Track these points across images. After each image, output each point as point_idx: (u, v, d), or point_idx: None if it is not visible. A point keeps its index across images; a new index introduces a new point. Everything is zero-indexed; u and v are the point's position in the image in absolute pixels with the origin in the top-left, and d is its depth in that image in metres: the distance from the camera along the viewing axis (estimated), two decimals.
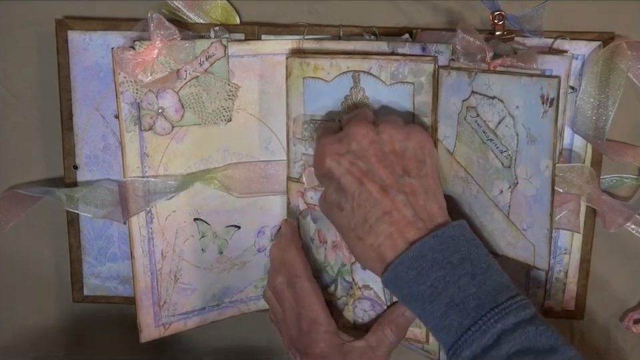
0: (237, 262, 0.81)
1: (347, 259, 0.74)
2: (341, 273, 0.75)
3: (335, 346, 0.72)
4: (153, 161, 0.75)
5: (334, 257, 0.75)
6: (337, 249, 0.74)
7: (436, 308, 0.60)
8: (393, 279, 0.62)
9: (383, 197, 0.62)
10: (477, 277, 0.60)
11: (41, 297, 0.84)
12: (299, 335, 0.73)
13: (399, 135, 0.64)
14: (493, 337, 0.58)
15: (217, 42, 0.73)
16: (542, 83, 0.62)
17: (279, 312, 0.76)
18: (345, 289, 0.77)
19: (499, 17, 0.72)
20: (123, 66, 0.71)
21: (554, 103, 0.62)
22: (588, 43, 0.73)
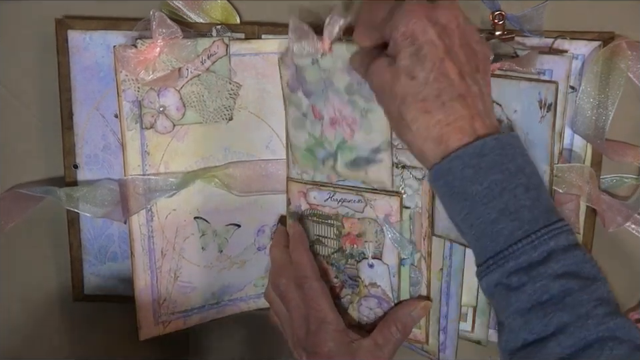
0: (236, 260, 0.81)
1: (348, 134, 0.72)
2: (341, 149, 0.73)
3: (344, 344, 0.72)
4: (154, 159, 0.75)
5: (333, 132, 0.73)
6: (336, 125, 0.73)
7: (488, 212, 0.58)
8: (446, 171, 0.59)
9: (460, 80, 0.60)
10: (530, 190, 0.59)
11: (41, 296, 0.84)
12: (307, 335, 0.73)
13: (477, 36, 0.63)
14: (543, 254, 0.57)
15: (219, 40, 0.73)
16: (540, 88, 0.62)
17: (282, 312, 0.76)
18: (350, 286, 0.77)
19: (499, 16, 0.72)
20: (124, 64, 0.71)
21: (552, 108, 0.62)
22: (588, 43, 0.74)
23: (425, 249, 0.73)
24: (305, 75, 0.72)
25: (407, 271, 0.74)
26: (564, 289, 0.57)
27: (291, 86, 0.75)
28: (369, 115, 0.70)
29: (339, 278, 0.77)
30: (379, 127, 0.70)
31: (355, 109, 0.71)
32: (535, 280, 0.57)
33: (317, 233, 0.77)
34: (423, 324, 0.75)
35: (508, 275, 0.58)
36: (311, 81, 0.72)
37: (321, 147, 0.74)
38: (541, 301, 0.57)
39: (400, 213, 0.72)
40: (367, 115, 0.70)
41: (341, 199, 0.75)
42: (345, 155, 0.73)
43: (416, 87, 0.60)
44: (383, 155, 0.71)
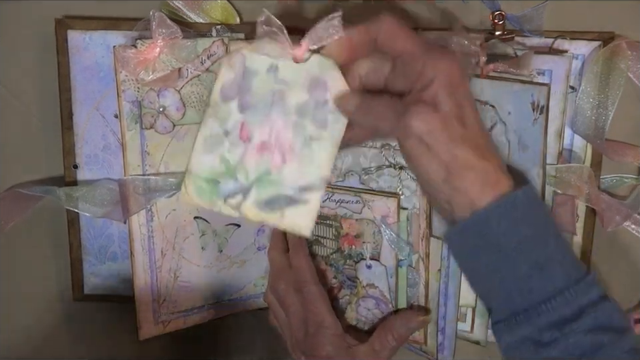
0: (236, 260, 0.81)
1: (276, 165, 0.64)
2: (259, 182, 0.65)
3: (342, 348, 0.72)
4: (154, 159, 0.75)
5: (256, 160, 0.65)
6: (265, 151, 0.64)
7: (519, 266, 0.58)
8: (483, 221, 0.58)
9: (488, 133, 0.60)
10: (559, 242, 0.59)
11: (41, 296, 0.84)
12: (305, 338, 0.73)
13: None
14: (575, 310, 0.57)
15: (219, 41, 0.73)
16: (533, 90, 0.62)
17: (281, 316, 0.76)
18: (349, 287, 0.77)
19: (499, 16, 0.72)
20: (124, 64, 0.71)
21: (544, 110, 0.62)
22: (588, 43, 0.74)
23: (423, 250, 0.73)
24: (252, 82, 0.65)
25: (405, 272, 0.74)
26: (596, 344, 0.57)
27: (225, 93, 0.65)
28: (313, 145, 0.64)
29: (337, 278, 0.77)
30: (320, 160, 0.64)
31: (298, 135, 0.64)
32: (568, 336, 0.57)
33: (316, 233, 0.77)
34: None
35: (539, 331, 0.58)
36: (256, 91, 0.64)
37: (231, 178, 0.65)
38: (573, 356, 0.57)
39: (397, 214, 0.72)
40: (312, 144, 0.64)
41: (340, 200, 0.75)
42: (262, 191, 0.65)
43: (469, 133, 0.59)
44: (312, 195, 0.65)
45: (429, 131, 0.58)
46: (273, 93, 0.64)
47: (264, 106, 0.64)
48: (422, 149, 0.59)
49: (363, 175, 0.74)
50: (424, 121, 0.58)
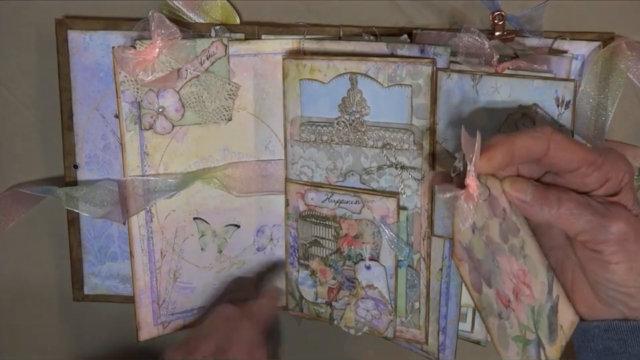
0: (236, 261, 0.81)
1: (530, 297, 0.60)
2: (537, 324, 0.60)
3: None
4: (153, 159, 0.75)
5: (523, 310, 0.60)
6: (519, 295, 0.60)
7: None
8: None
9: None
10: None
11: (41, 296, 0.84)
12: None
13: None
14: None
15: (218, 41, 0.73)
16: (556, 86, 0.63)
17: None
18: (347, 288, 0.77)
19: (498, 17, 0.72)
20: (123, 65, 0.71)
21: (570, 105, 0.62)
22: (588, 43, 0.73)
23: (424, 250, 0.73)
24: (475, 252, 0.60)
25: (404, 273, 0.74)
26: None
27: (475, 285, 0.62)
28: (526, 251, 0.59)
29: (336, 279, 0.77)
30: (537, 259, 0.59)
31: (518, 256, 0.59)
32: None
33: (315, 234, 0.77)
34: (422, 324, 0.75)
35: None
36: (482, 257, 0.60)
37: (528, 345, 0.61)
38: None
39: (397, 214, 0.72)
40: (525, 252, 0.59)
41: (339, 200, 0.75)
42: (543, 328, 0.60)
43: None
44: (555, 288, 0.60)
45: (636, 235, 0.56)
46: (486, 245, 0.60)
47: (492, 262, 0.60)
48: (624, 257, 0.56)
49: (364, 175, 0.74)
50: (630, 224, 0.55)
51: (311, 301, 0.80)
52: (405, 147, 0.71)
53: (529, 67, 0.68)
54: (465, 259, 0.59)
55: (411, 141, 0.71)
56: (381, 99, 0.71)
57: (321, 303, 0.79)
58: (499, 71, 0.68)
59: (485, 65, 0.69)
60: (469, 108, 0.70)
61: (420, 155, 0.71)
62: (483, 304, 0.60)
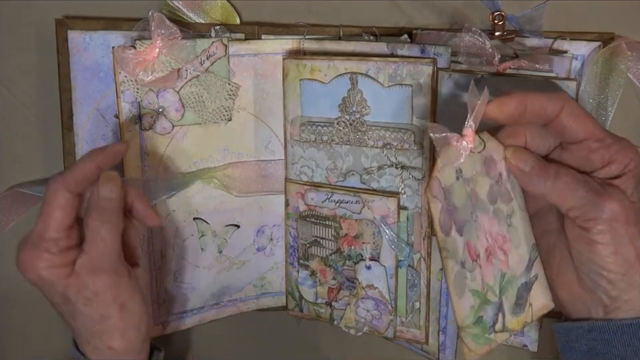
0: (236, 261, 0.81)
1: (503, 263, 0.60)
2: (504, 290, 0.61)
3: None
4: (153, 160, 0.75)
5: (491, 272, 0.60)
6: (491, 257, 0.60)
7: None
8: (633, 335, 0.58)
9: None
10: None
11: (41, 296, 0.83)
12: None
13: None
14: None
15: (218, 41, 0.73)
16: (560, 86, 0.62)
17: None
18: (347, 288, 0.77)
19: (498, 17, 0.72)
20: (123, 65, 0.71)
21: None
22: (588, 44, 0.73)
23: (424, 250, 0.73)
24: (454, 199, 0.59)
25: (404, 273, 0.74)
26: None
27: (444, 227, 0.59)
28: (513, 221, 0.61)
29: (336, 279, 0.77)
30: (524, 232, 0.61)
31: (501, 222, 0.60)
32: None
33: (315, 234, 0.77)
34: (422, 324, 0.75)
35: None
36: (460, 205, 0.59)
37: (487, 305, 0.60)
38: None
39: (397, 214, 0.72)
40: (512, 221, 0.61)
41: (339, 200, 0.75)
42: (509, 297, 0.60)
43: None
44: (535, 267, 0.61)
45: (626, 220, 0.56)
46: (469, 197, 0.60)
47: (470, 214, 0.59)
48: (610, 238, 0.56)
49: (364, 175, 0.74)
50: (623, 207, 0.56)
51: (311, 301, 0.80)
52: (405, 146, 0.71)
53: (530, 67, 0.68)
54: (439, 198, 0.57)
55: (412, 141, 0.71)
56: (381, 98, 0.71)
57: (320, 303, 0.79)
58: (500, 70, 0.68)
59: (486, 65, 0.69)
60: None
61: (420, 155, 0.71)
62: (447, 246, 0.58)
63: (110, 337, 0.64)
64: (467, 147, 0.57)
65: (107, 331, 0.64)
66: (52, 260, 0.62)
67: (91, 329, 0.64)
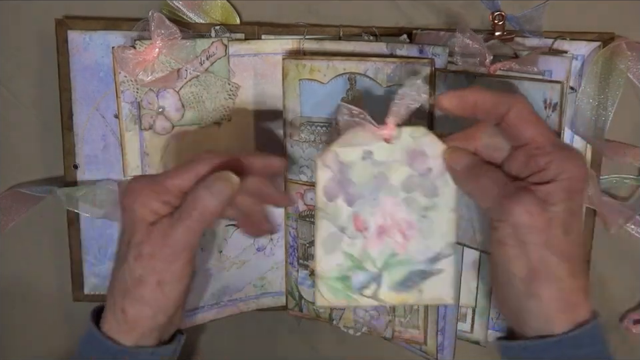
0: (236, 261, 0.81)
1: (399, 245, 0.64)
2: (389, 266, 0.64)
3: None
4: (153, 159, 0.75)
5: (379, 246, 0.64)
6: (384, 235, 0.64)
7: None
8: (574, 346, 0.57)
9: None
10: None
11: (41, 296, 0.84)
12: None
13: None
14: None
15: (218, 41, 0.73)
16: (545, 88, 0.62)
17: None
18: None
19: (498, 17, 0.72)
20: (123, 65, 0.71)
21: (557, 107, 0.61)
22: (588, 44, 0.73)
23: None
24: (351, 174, 0.63)
25: None
26: None
27: (329, 193, 0.64)
28: (430, 215, 0.63)
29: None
30: (440, 228, 0.63)
31: (412, 210, 0.63)
32: None
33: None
34: (421, 325, 0.75)
35: None
36: (358, 181, 0.63)
37: (360, 270, 0.64)
38: None
39: None
40: (428, 215, 0.63)
41: None
42: (394, 273, 0.64)
43: (568, 245, 0.57)
44: (443, 263, 0.64)
45: (529, 226, 0.56)
46: (375, 177, 0.63)
47: (370, 192, 0.63)
48: (514, 241, 0.57)
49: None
50: (528, 213, 0.56)
51: (311, 300, 0.80)
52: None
53: (520, 69, 0.68)
54: (331, 169, 0.62)
55: None
56: (380, 99, 0.71)
57: None
58: (491, 71, 0.68)
59: (480, 66, 0.69)
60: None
61: None
62: (327, 210, 0.63)
63: (130, 302, 0.64)
64: (381, 136, 0.61)
65: (132, 295, 0.63)
66: (151, 202, 0.62)
67: (123, 285, 0.64)
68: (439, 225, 0.63)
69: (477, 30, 0.73)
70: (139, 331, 0.64)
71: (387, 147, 0.62)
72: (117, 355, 0.64)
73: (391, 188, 0.63)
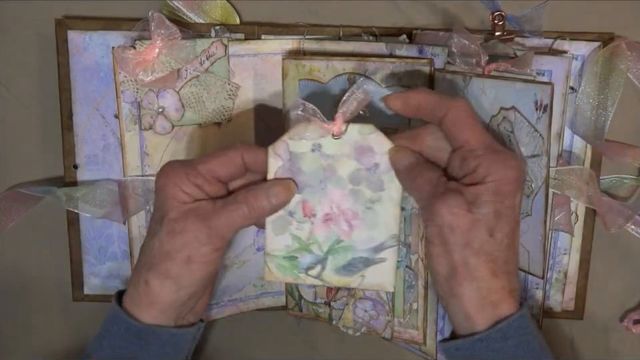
0: (236, 261, 0.80)
1: (345, 233, 0.66)
2: (333, 251, 0.67)
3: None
4: (153, 159, 0.75)
5: (325, 232, 0.66)
6: (330, 223, 0.66)
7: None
8: (476, 345, 0.59)
9: (516, 254, 0.61)
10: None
11: (41, 296, 0.84)
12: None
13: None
14: None
15: (218, 41, 0.73)
16: (536, 89, 0.62)
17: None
18: (346, 288, 0.77)
19: (498, 17, 0.72)
20: (123, 65, 0.71)
21: (547, 109, 0.61)
22: (588, 44, 0.73)
23: (422, 250, 0.73)
24: (301, 164, 0.65)
25: (402, 274, 0.74)
26: None
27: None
28: (375, 207, 0.65)
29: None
30: (385, 220, 0.65)
31: (358, 201, 0.65)
32: None
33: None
34: (420, 325, 0.75)
35: None
36: (307, 171, 0.65)
37: (307, 252, 0.67)
38: None
39: None
40: (374, 207, 0.65)
41: None
42: (338, 258, 0.67)
43: (492, 245, 0.58)
44: (386, 252, 0.66)
45: (452, 227, 0.58)
46: (324, 169, 0.65)
47: (318, 182, 0.66)
48: (439, 240, 0.59)
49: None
50: (452, 214, 0.58)
51: (310, 300, 0.80)
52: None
53: (512, 70, 0.68)
54: (282, 157, 0.65)
55: None
56: (379, 99, 0.71)
57: (320, 302, 0.79)
58: (485, 72, 0.68)
59: (477, 66, 0.69)
60: None
61: None
62: None
63: (154, 274, 0.64)
64: (329, 131, 0.64)
65: (158, 268, 0.64)
66: (184, 183, 0.64)
67: (150, 258, 0.65)
68: (383, 217, 0.65)
69: (477, 30, 0.73)
70: (157, 308, 0.65)
71: (335, 141, 0.65)
72: (139, 333, 0.65)
73: (338, 180, 0.65)
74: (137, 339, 0.64)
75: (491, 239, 0.58)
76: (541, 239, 0.66)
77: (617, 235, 0.78)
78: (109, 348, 0.65)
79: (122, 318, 0.65)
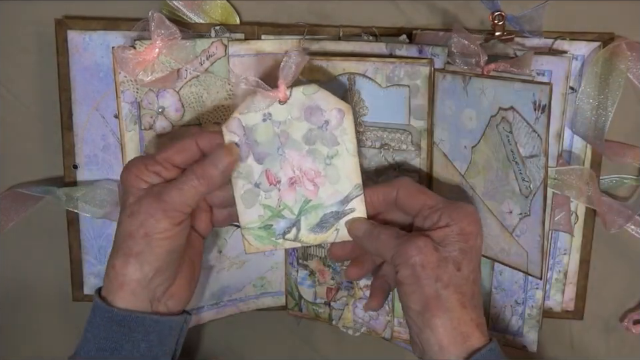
0: (236, 261, 0.81)
1: (311, 192, 0.69)
2: (304, 212, 0.70)
3: None
4: None
5: (293, 195, 0.69)
6: (296, 185, 0.69)
7: None
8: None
9: (480, 291, 0.66)
10: None
11: (41, 296, 0.84)
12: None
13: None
14: None
15: (218, 41, 0.73)
16: (534, 89, 0.62)
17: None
18: (346, 288, 0.77)
19: (498, 17, 0.72)
20: (123, 65, 0.71)
21: (546, 109, 0.61)
22: (588, 44, 0.73)
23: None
24: (256, 135, 0.68)
25: None
26: None
27: (239, 155, 0.68)
28: (334, 162, 0.68)
29: (334, 280, 0.77)
30: (346, 173, 0.68)
31: (317, 159, 0.68)
32: None
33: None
34: None
35: None
36: (262, 141, 0.68)
37: (280, 218, 0.70)
38: None
39: None
40: (333, 162, 0.68)
41: None
42: (310, 218, 0.70)
43: (460, 279, 0.63)
44: (354, 202, 0.69)
45: (423, 264, 0.62)
46: (278, 136, 0.68)
47: (275, 150, 0.68)
48: (411, 280, 0.63)
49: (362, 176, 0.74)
50: (422, 253, 0.63)
51: (310, 300, 0.80)
52: (402, 147, 0.71)
53: (511, 71, 0.68)
54: (237, 133, 0.67)
55: (409, 142, 0.71)
56: (379, 99, 0.71)
57: (319, 302, 0.79)
58: (484, 72, 0.68)
59: (476, 66, 0.69)
60: (459, 109, 0.69)
61: (418, 156, 0.71)
62: (241, 170, 0.68)
63: (118, 256, 0.66)
64: (275, 98, 0.67)
65: (121, 249, 0.66)
66: (142, 172, 0.66)
67: (118, 242, 0.67)
68: (343, 169, 0.68)
69: (476, 30, 0.73)
70: (127, 289, 0.66)
71: (283, 107, 0.67)
72: (122, 321, 0.66)
73: (294, 143, 0.68)
74: (119, 327, 0.66)
75: (458, 272, 0.63)
76: (540, 240, 0.66)
77: (617, 235, 0.78)
78: (94, 340, 0.67)
79: (101, 307, 0.66)
